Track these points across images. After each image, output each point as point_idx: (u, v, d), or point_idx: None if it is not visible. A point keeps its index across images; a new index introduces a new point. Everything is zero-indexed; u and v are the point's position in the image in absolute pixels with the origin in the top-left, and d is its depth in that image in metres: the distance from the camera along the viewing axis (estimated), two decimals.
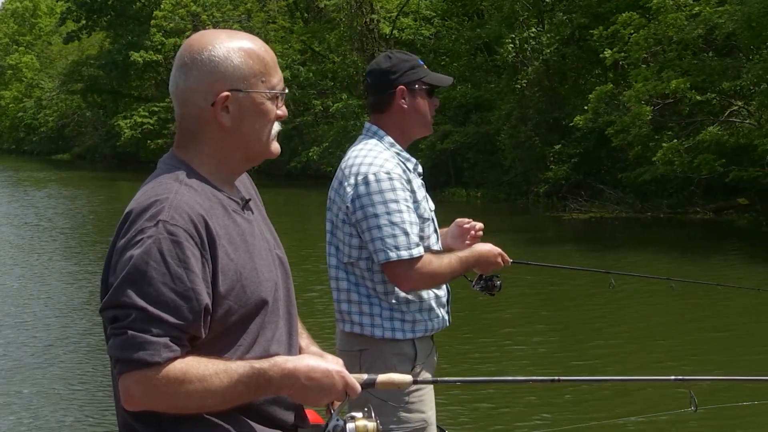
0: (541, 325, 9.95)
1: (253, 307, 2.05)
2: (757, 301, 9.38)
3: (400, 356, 3.28)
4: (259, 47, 2.11)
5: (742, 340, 8.97)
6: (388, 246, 3.19)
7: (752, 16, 15.20)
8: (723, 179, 16.86)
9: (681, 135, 17.45)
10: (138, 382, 1.90)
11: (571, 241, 16.23)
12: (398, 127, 3.40)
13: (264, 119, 2.11)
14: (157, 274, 1.90)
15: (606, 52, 18.10)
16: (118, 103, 46.68)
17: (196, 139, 2.11)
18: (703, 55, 17.83)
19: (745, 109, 17.74)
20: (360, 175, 3.26)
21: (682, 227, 17.13)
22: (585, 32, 21.24)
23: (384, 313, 3.29)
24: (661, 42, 17.63)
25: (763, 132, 15.83)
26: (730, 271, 12.30)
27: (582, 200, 19.39)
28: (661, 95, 17.36)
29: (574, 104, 21.11)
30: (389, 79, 3.37)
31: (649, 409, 6.35)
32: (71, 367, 8.65)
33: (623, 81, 19.72)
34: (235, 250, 2.03)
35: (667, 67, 17.26)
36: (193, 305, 1.92)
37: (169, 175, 2.06)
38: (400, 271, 3.22)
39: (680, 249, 14.56)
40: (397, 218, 3.21)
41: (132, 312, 1.89)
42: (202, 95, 2.07)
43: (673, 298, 9.60)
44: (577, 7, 21.98)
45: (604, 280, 4.51)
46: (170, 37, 39.34)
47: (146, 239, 1.93)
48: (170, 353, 1.90)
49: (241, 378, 1.95)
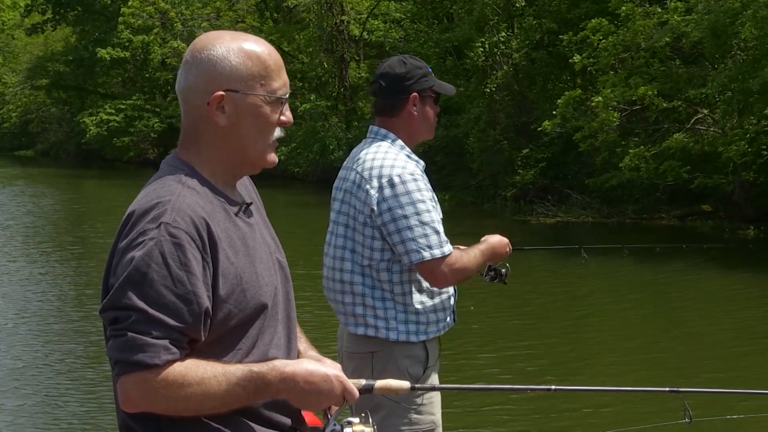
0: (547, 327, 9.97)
1: (253, 311, 2.05)
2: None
3: (411, 358, 3.32)
4: (262, 50, 2.08)
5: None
6: (422, 246, 3.24)
7: (717, 26, 15.36)
8: (688, 186, 17.04)
9: (647, 141, 17.60)
10: (137, 384, 1.90)
11: (539, 245, 16.30)
12: (406, 131, 3.46)
13: (261, 123, 2.08)
14: (158, 276, 1.90)
15: (575, 57, 18.21)
16: (84, 99, 46.26)
17: (196, 141, 2.10)
18: (670, 62, 18.01)
19: (710, 117, 17.92)
20: (384, 178, 3.29)
21: (647, 233, 17.26)
22: (554, 37, 21.36)
23: (399, 316, 3.32)
24: (629, 49, 17.77)
25: (728, 140, 16.00)
26: (693, 276, 12.42)
27: (549, 204, 19.49)
28: (629, 102, 17.49)
29: (543, 109, 21.23)
30: (404, 85, 3.41)
31: (643, 421, 6.37)
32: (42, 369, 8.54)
33: (591, 87, 19.87)
34: (236, 254, 2.03)
35: (634, 73, 17.42)
36: (194, 308, 1.92)
37: (172, 176, 2.05)
38: (434, 269, 3.26)
39: (646, 253, 14.65)
40: (426, 218, 3.27)
41: (132, 314, 1.89)
42: (199, 94, 2.06)
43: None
44: (546, 12, 22.11)
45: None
46: (138, 34, 39.09)
47: (148, 241, 1.92)
48: (170, 356, 1.90)
49: (239, 381, 1.95)
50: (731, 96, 16.07)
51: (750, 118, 16.41)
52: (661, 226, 17.70)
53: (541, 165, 21.03)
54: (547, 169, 20.98)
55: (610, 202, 18.93)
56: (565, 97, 18.34)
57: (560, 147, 20.75)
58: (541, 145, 21.27)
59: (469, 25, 23.38)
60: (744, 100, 15.79)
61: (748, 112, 16.41)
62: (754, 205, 16.88)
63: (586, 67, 19.02)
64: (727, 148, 15.65)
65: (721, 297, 11.41)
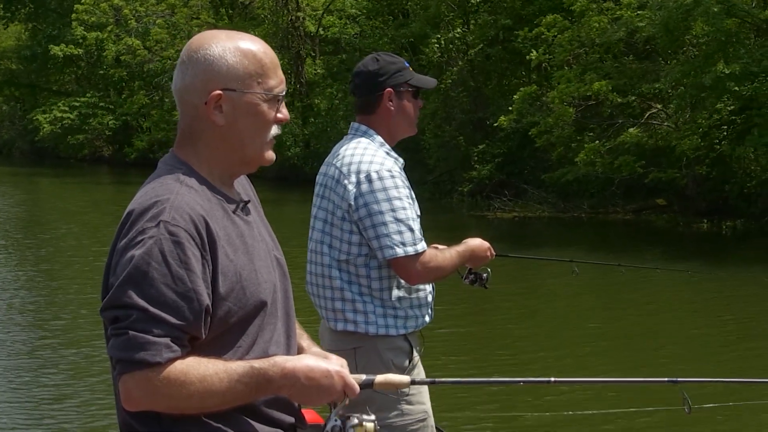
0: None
1: (253, 308, 2.05)
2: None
3: (395, 350, 3.36)
4: (257, 48, 2.09)
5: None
6: (395, 242, 3.28)
7: (670, 21, 15.55)
8: (642, 180, 17.24)
9: (602, 136, 17.77)
10: (139, 383, 1.91)
11: (496, 240, 16.27)
12: (386, 128, 3.49)
13: (259, 121, 2.09)
14: (159, 274, 1.91)
15: (532, 54, 18.33)
16: (37, 97, 45.55)
17: (193, 139, 2.11)
18: (624, 58, 18.19)
19: (663, 112, 18.14)
20: (362, 173, 3.32)
21: (602, 227, 17.45)
22: (509, 33, 21.47)
23: (377, 310, 3.35)
24: (584, 45, 17.92)
25: (681, 134, 16.21)
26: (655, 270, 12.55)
27: (506, 200, 19.60)
28: (584, 97, 17.65)
29: (499, 104, 21.33)
30: (377, 82, 3.44)
31: (642, 408, 6.41)
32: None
33: (547, 82, 20.00)
34: (235, 252, 2.04)
35: (589, 69, 17.57)
36: (194, 306, 1.93)
37: (170, 175, 2.06)
38: (407, 266, 3.30)
39: (603, 248, 14.81)
40: (402, 215, 3.30)
41: (133, 312, 1.90)
42: (196, 93, 2.07)
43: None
44: (501, 8, 22.20)
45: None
46: (92, 31, 38.61)
47: (147, 239, 1.93)
48: (171, 354, 1.91)
49: (241, 378, 1.96)
50: (684, 91, 16.27)
51: (702, 113, 16.64)
52: (616, 220, 17.89)
53: (497, 160, 21.14)
54: (503, 164, 21.10)
55: (566, 197, 19.08)
56: (520, 93, 18.46)
57: (516, 142, 20.87)
58: (498, 140, 21.37)
59: (425, 21, 23.43)
60: (696, 95, 15.99)
61: (700, 107, 16.64)
62: (707, 199, 17.12)
63: (542, 63, 19.16)
64: (680, 143, 15.86)
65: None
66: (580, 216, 18.35)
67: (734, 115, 16.56)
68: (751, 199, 16.22)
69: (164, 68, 33.43)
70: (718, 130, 16.94)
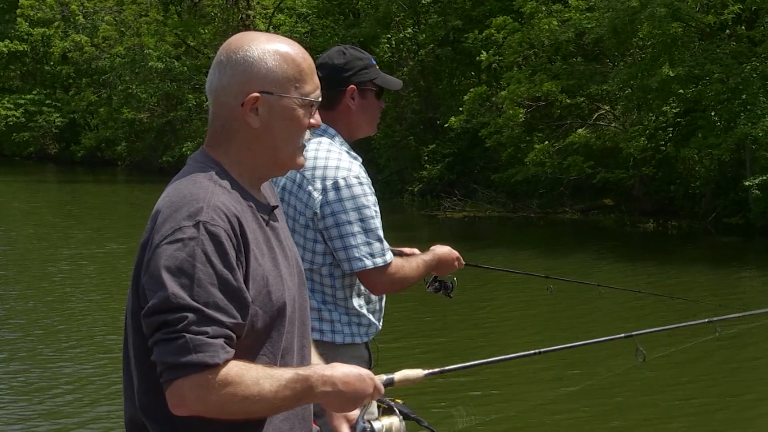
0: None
1: (276, 314, 2.03)
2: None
3: (357, 359, 3.26)
4: (296, 53, 2.08)
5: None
6: (364, 254, 3.14)
7: (618, 23, 15.75)
8: (590, 180, 17.45)
9: (551, 137, 17.96)
10: (194, 386, 1.85)
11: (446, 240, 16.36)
12: (345, 126, 3.33)
13: (294, 126, 2.08)
14: (205, 275, 1.88)
15: (482, 54, 18.44)
16: None
17: (226, 140, 2.09)
18: (573, 60, 18.38)
19: (611, 113, 18.37)
20: (328, 180, 3.16)
21: (551, 226, 17.62)
22: (459, 34, 21.59)
23: (342, 319, 3.26)
24: (533, 46, 18.07)
25: (628, 135, 16.43)
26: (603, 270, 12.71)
27: (456, 199, 19.72)
28: (533, 98, 17.80)
29: (449, 105, 21.45)
30: (342, 77, 3.28)
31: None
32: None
33: (496, 83, 20.15)
34: (263, 256, 2.02)
35: (539, 70, 17.73)
36: (242, 304, 1.92)
37: (203, 174, 2.04)
38: (375, 278, 3.19)
39: (552, 247, 14.96)
40: (371, 224, 3.17)
41: (186, 315, 1.86)
42: (233, 94, 2.04)
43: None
44: (452, 9, 22.31)
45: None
46: (37, 27, 38.05)
47: (188, 240, 1.90)
48: (227, 354, 1.88)
49: (288, 383, 1.94)
50: (631, 93, 16.51)
51: (649, 115, 16.90)
52: (565, 220, 18.08)
53: (447, 160, 21.25)
54: (453, 164, 21.21)
55: (515, 197, 19.25)
56: (471, 94, 18.58)
57: (466, 142, 21.00)
58: (448, 140, 21.48)
59: (375, 21, 23.46)
60: (643, 97, 16.25)
61: (647, 109, 16.90)
62: (653, 199, 17.38)
63: (492, 64, 19.30)
64: (627, 144, 16.09)
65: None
66: (529, 216, 18.52)
67: (679, 118, 16.84)
68: (696, 199, 16.51)
69: (112, 65, 33.06)
70: (663, 131, 17.23)
